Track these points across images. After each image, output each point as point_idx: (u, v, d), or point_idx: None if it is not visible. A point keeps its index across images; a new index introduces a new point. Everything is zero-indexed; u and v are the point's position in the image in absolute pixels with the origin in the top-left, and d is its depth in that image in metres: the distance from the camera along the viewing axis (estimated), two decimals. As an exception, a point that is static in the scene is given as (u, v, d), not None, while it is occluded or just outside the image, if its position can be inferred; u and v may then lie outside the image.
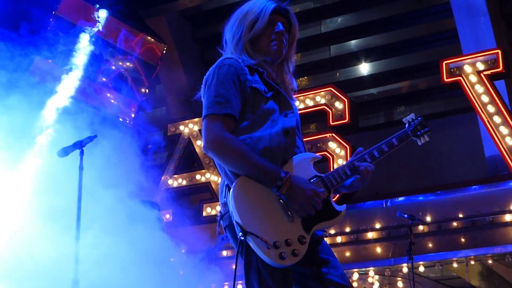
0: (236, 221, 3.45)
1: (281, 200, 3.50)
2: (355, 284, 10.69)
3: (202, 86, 3.75)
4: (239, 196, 3.48)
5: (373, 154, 3.73)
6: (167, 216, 11.74)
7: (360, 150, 3.79)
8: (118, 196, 8.60)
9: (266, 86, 3.74)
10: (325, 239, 3.78)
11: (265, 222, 3.45)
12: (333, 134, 11.14)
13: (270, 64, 3.83)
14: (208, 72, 3.75)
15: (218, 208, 3.74)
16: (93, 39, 11.87)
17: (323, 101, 11.48)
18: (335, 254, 3.78)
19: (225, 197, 3.60)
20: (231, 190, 3.49)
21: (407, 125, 3.86)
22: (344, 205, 3.67)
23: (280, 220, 3.49)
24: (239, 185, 3.50)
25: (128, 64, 13.27)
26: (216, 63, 3.74)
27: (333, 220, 3.62)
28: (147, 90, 13.70)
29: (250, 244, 3.42)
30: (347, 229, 10.65)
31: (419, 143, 3.89)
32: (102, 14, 12.09)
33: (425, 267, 10.18)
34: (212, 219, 11.54)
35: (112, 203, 8.49)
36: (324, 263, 3.67)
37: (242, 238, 3.41)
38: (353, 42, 13.69)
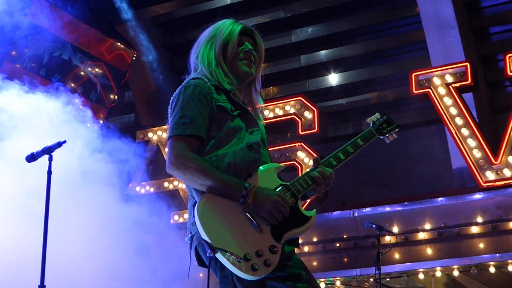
0: (203, 239, 3.41)
1: (246, 213, 3.47)
2: (321, 294, 10.72)
3: (169, 107, 3.73)
4: (203, 212, 3.45)
5: (338, 156, 3.72)
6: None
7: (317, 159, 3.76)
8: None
9: (233, 104, 3.72)
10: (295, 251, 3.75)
11: (233, 236, 3.42)
12: (302, 144, 11.14)
13: (238, 85, 3.82)
14: (175, 93, 3.73)
15: (186, 216, 3.71)
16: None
17: (292, 110, 11.48)
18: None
19: (193, 217, 3.57)
20: (195, 208, 3.47)
21: (371, 124, 3.89)
22: (314, 210, 3.63)
23: (248, 233, 3.45)
24: (203, 203, 3.48)
25: (97, 70, 13.19)
26: (182, 84, 3.72)
27: (304, 227, 3.58)
28: (116, 96, 13.63)
29: (220, 259, 3.39)
30: (314, 239, 10.65)
31: (387, 141, 3.92)
32: None
33: (391, 277, 10.21)
34: (179, 226, 11.47)
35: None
36: (298, 278, 3.63)
37: (211, 255, 3.38)
38: (322, 52, 13.74)
